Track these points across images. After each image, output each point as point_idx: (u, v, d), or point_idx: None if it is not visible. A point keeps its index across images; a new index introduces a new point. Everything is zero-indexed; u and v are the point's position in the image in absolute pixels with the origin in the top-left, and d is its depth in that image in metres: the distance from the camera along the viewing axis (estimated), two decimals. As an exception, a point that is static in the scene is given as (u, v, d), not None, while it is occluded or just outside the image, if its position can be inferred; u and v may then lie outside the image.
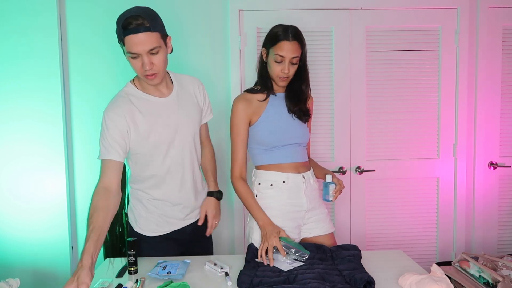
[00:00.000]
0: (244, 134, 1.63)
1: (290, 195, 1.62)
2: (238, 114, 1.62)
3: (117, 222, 2.19)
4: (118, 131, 1.41)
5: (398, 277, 1.31)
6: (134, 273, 1.40)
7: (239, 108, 1.62)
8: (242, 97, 1.66)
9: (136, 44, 1.31)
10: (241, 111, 1.62)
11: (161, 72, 1.41)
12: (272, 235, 1.48)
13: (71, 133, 2.32)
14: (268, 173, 1.64)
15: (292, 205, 1.62)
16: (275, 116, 1.64)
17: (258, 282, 1.28)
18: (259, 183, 1.65)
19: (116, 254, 2.16)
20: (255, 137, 1.65)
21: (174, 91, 1.53)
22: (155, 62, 1.36)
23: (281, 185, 1.62)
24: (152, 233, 1.59)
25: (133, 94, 1.48)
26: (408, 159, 2.40)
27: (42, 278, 2.31)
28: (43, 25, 2.22)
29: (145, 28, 1.31)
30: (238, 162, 1.64)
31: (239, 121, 1.62)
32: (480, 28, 2.35)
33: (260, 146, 1.66)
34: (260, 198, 1.63)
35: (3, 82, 2.23)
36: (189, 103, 1.58)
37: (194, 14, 2.29)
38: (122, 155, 1.43)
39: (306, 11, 2.31)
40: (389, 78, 2.37)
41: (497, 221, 2.46)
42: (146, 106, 1.47)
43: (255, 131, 1.64)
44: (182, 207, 1.60)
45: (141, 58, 1.34)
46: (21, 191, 2.28)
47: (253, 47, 2.32)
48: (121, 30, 1.33)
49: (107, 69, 2.30)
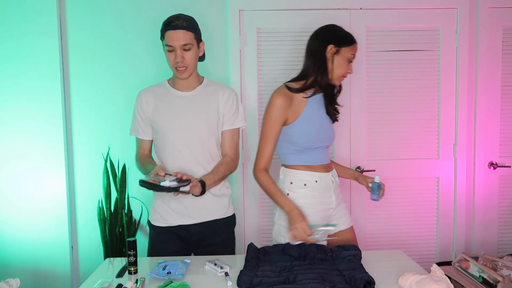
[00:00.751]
0: (277, 131, 1.60)
1: (321, 194, 1.65)
2: (277, 110, 1.57)
3: (117, 222, 2.19)
4: (142, 112, 1.70)
5: (398, 277, 1.31)
6: (134, 273, 1.40)
7: (279, 104, 1.57)
8: (284, 93, 1.59)
9: (173, 38, 1.57)
10: (280, 108, 1.57)
11: (190, 68, 1.63)
12: (298, 219, 1.53)
13: (71, 133, 2.32)
14: (300, 173, 1.63)
15: (323, 204, 1.65)
16: (313, 117, 1.61)
17: (258, 282, 1.28)
18: (291, 182, 1.64)
19: (116, 254, 2.16)
20: (289, 138, 1.62)
21: (197, 90, 1.70)
22: (186, 57, 1.60)
23: (314, 184, 1.63)
24: (156, 222, 1.71)
25: (162, 85, 1.74)
26: (408, 159, 2.40)
27: (42, 278, 2.31)
28: (43, 27, 2.22)
29: (182, 27, 1.57)
30: (265, 157, 1.61)
31: (276, 117, 1.57)
32: (480, 28, 2.35)
33: (292, 147, 1.63)
34: (293, 198, 1.62)
35: (3, 82, 2.24)
36: (206, 104, 1.68)
37: (194, 14, 2.28)
38: (147, 133, 1.72)
39: (306, 11, 2.31)
40: (389, 78, 2.37)
41: (497, 221, 2.46)
42: (165, 93, 1.70)
43: (291, 132, 1.61)
44: (187, 203, 1.65)
45: (175, 52, 1.58)
46: (21, 191, 2.28)
47: (253, 47, 2.32)
48: (164, 27, 1.61)
49: (107, 70, 2.30)
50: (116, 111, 2.32)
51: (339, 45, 1.57)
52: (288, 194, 1.62)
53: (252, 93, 2.34)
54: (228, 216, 1.75)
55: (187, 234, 1.69)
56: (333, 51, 1.57)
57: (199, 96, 1.69)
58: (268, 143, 1.59)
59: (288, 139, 1.62)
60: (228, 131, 1.71)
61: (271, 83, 2.35)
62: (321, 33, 1.62)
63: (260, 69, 2.34)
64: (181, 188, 1.42)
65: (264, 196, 2.40)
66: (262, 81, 2.35)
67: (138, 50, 2.30)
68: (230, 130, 1.72)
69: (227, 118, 1.70)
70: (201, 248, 1.72)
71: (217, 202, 1.71)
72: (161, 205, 1.69)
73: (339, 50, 1.57)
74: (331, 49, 1.58)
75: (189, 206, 1.66)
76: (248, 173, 2.36)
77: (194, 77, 1.70)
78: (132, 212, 2.28)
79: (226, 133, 1.72)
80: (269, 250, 1.52)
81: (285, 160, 1.67)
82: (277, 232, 1.66)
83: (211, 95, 1.70)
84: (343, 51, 1.57)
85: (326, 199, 1.66)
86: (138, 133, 1.73)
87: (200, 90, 1.70)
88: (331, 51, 1.58)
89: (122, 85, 2.32)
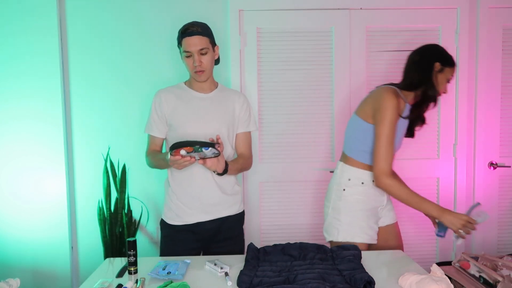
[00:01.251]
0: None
1: (375, 193, 1.70)
2: (395, 111, 1.59)
3: (117, 222, 2.19)
4: (159, 110, 1.74)
5: (398, 277, 1.31)
6: (134, 273, 1.40)
7: (396, 105, 1.59)
8: (397, 95, 1.62)
9: (190, 44, 1.65)
10: (397, 109, 1.60)
11: (207, 71, 1.71)
12: (457, 216, 1.55)
13: (71, 133, 2.32)
14: (360, 171, 1.68)
15: (376, 202, 1.72)
16: (402, 126, 1.68)
17: (258, 282, 1.27)
18: (349, 179, 1.69)
19: (116, 254, 2.16)
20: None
21: (214, 92, 1.78)
22: (203, 61, 1.68)
23: (371, 184, 1.69)
24: (171, 221, 1.74)
25: (180, 86, 1.80)
26: (408, 159, 2.40)
27: (42, 278, 2.31)
28: (43, 25, 2.22)
29: (198, 32, 1.66)
30: (391, 160, 1.61)
31: (395, 118, 1.59)
32: (480, 28, 2.35)
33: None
34: (349, 193, 1.68)
35: (3, 82, 2.24)
36: (223, 106, 1.76)
37: (194, 14, 2.29)
38: (162, 131, 1.76)
39: (306, 11, 2.31)
40: (389, 78, 2.36)
41: (497, 221, 2.46)
42: (183, 94, 1.76)
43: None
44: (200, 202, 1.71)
45: (193, 56, 1.66)
46: (21, 191, 2.28)
47: (253, 47, 2.32)
48: (180, 34, 1.68)
49: (107, 69, 2.30)
50: (117, 111, 2.32)
51: (444, 64, 1.66)
52: (344, 189, 1.69)
53: (252, 93, 2.34)
54: (240, 212, 1.83)
55: (202, 230, 1.74)
56: (438, 69, 1.66)
57: (217, 98, 1.77)
58: (391, 144, 1.61)
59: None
60: (243, 133, 1.82)
61: (271, 83, 2.35)
62: (429, 51, 1.70)
63: (260, 69, 2.34)
64: (211, 150, 1.49)
65: (264, 196, 2.40)
66: (262, 81, 2.35)
67: (139, 49, 2.30)
68: (244, 133, 1.82)
69: (242, 121, 1.81)
70: (214, 243, 1.77)
71: (232, 199, 1.79)
72: (176, 203, 1.74)
73: (443, 69, 1.66)
74: (436, 67, 1.66)
75: (206, 202, 1.72)
76: (248, 173, 2.37)
77: (211, 80, 1.78)
78: (132, 212, 2.28)
79: (241, 135, 1.82)
80: (269, 250, 1.52)
81: (358, 156, 1.69)
82: (330, 224, 1.72)
83: (227, 98, 1.80)
84: (446, 71, 1.66)
85: (378, 198, 1.72)
86: (152, 130, 1.76)
87: (216, 93, 1.79)
88: (436, 69, 1.66)
89: (122, 85, 2.32)
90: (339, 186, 1.71)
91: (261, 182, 2.39)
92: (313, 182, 2.40)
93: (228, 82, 2.32)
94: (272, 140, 2.38)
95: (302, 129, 2.38)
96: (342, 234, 1.66)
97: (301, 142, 2.38)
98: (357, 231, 1.65)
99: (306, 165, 2.39)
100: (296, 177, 2.39)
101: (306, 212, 2.41)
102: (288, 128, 2.38)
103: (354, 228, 1.65)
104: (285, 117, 2.37)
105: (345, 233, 1.66)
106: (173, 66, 2.31)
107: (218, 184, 1.73)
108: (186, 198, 1.72)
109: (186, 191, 1.72)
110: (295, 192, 2.40)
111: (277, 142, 2.38)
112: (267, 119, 2.37)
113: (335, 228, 1.69)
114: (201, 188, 1.71)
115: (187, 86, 1.79)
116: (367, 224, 1.67)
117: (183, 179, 1.72)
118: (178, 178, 1.73)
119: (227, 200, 1.77)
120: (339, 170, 1.73)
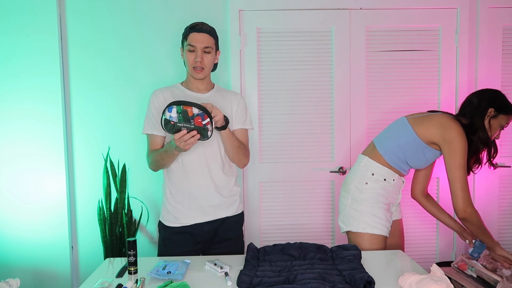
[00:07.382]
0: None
1: (393, 191, 1.78)
2: (465, 141, 1.66)
3: (117, 222, 2.19)
4: (158, 108, 1.73)
5: (398, 277, 1.31)
6: (134, 273, 1.40)
7: (465, 137, 1.66)
8: (459, 122, 1.70)
9: (197, 40, 1.68)
10: (465, 140, 1.66)
11: (206, 70, 1.72)
12: (508, 253, 1.71)
13: (71, 133, 2.32)
14: (385, 169, 1.75)
15: (392, 198, 1.79)
16: (434, 154, 1.75)
17: (258, 282, 1.27)
18: (372, 174, 1.75)
19: (116, 254, 2.16)
20: (422, 153, 1.72)
21: (210, 92, 1.79)
22: (205, 59, 1.70)
23: (392, 182, 1.76)
24: (169, 223, 1.73)
25: (176, 86, 1.80)
26: (408, 159, 2.40)
27: (42, 278, 2.31)
28: (43, 24, 2.22)
29: (206, 31, 1.70)
30: (468, 190, 1.67)
31: (466, 147, 1.66)
32: (480, 28, 2.35)
33: (411, 158, 1.74)
34: (371, 187, 1.74)
35: (3, 80, 2.24)
36: (222, 105, 1.74)
37: (194, 14, 2.29)
38: (161, 129, 1.70)
39: (306, 11, 2.31)
40: (389, 78, 2.37)
41: (497, 221, 2.46)
42: (180, 94, 1.76)
43: (428, 152, 1.72)
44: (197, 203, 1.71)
45: (196, 52, 1.68)
46: (21, 191, 2.28)
47: (253, 47, 2.32)
48: (188, 29, 1.71)
49: (107, 68, 2.30)
50: (117, 110, 2.32)
51: (498, 111, 1.72)
52: (367, 183, 1.74)
53: (252, 93, 2.34)
54: (239, 213, 1.82)
55: (200, 232, 1.72)
56: (492, 114, 1.72)
57: (214, 98, 1.77)
58: (466, 175, 1.68)
59: (421, 152, 1.72)
60: (239, 129, 1.81)
61: (271, 83, 2.35)
62: (487, 95, 1.76)
63: (260, 69, 2.34)
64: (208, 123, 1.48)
65: (264, 196, 2.40)
66: (262, 81, 2.35)
67: (140, 48, 2.30)
68: (241, 129, 1.81)
69: (238, 118, 1.80)
70: (213, 245, 1.76)
71: (230, 200, 1.78)
72: (174, 205, 1.73)
73: (497, 116, 1.72)
74: (490, 112, 1.72)
75: (203, 203, 1.71)
76: (248, 173, 2.37)
77: (207, 81, 1.79)
78: (132, 212, 2.28)
79: (237, 131, 1.81)
80: (269, 250, 1.52)
81: (389, 157, 1.75)
82: (348, 214, 1.77)
83: (224, 98, 1.80)
84: (500, 117, 1.73)
85: (395, 195, 1.80)
86: (152, 130, 1.74)
87: (213, 93, 1.80)
88: (489, 114, 1.72)
89: (122, 84, 2.32)
90: (361, 180, 1.76)
91: (261, 182, 2.39)
92: (313, 182, 2.40)
93: (228, 82, 2.32)
94: (272, 140, 2.38)
95: (302, 129, 2.38)
96: (362, 225, 1.71)
97: (301, 142, 2.38)
98: (377, 224, 1.71)
99: (306, 165, 2.39)
100: (296, 177, 2.39)
101: (306, 212, 2.41)
102: (288, 128, 2.38)
103: (374, 221, 1.71)
104: (285, 117, 2.37)
105: (365, 224, 1.71)
106: (173, 65, 2.31)
107: (216, 185, 1.72)
108: (183, 199, 1.71)
109: (183, 193, 1.71)
110: (295, 192, 2.40)
111: (277, 142, 2.38)
112: (267, 119, 2.37)
113: (355, 218, 1.74)
114: (198, 189, 1.70)
115: (184, 87, 1.79)
116: (385, 217, 1.73)
117: (180, 181, 1.71)
118: (175, 180, 1.72)
119: (225, 201, 1.76)
120: (363, 164, 1.78)
